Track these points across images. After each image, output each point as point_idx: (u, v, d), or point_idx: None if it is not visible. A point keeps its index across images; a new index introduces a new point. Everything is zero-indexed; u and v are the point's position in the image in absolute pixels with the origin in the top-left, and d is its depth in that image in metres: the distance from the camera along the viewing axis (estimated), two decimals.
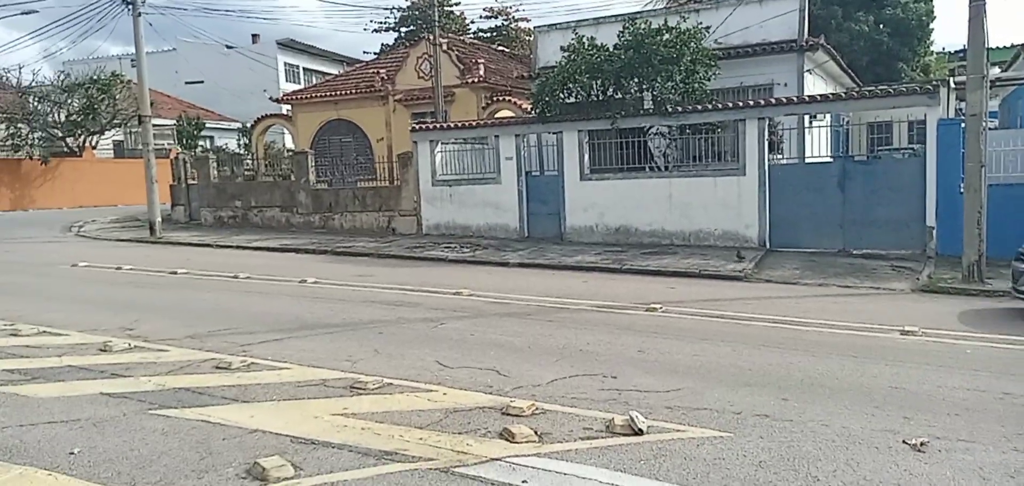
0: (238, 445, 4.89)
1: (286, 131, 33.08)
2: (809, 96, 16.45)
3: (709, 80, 16.61)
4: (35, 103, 33.21)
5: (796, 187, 15.36)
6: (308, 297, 11.11)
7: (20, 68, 50.73)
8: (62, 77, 33.87)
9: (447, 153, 19.58)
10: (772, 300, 10.65)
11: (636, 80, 16.52)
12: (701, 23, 17.13)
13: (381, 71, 28.16)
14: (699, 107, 16.15)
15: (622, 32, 16.81)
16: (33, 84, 34.44)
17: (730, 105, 16.14)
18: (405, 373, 6.69)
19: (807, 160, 15.98)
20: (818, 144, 16.00)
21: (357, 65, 36.03)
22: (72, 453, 4.77)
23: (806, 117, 15.91)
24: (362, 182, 22.78)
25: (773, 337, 8.21)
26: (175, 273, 13.57)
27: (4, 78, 35.43)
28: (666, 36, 16.21)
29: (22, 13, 39.61)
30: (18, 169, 32.37)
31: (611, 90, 16.87)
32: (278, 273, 13.56)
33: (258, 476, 4.36)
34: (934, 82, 15.40)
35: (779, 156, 16.46)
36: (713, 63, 16.55)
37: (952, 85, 16.09)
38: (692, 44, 16.29)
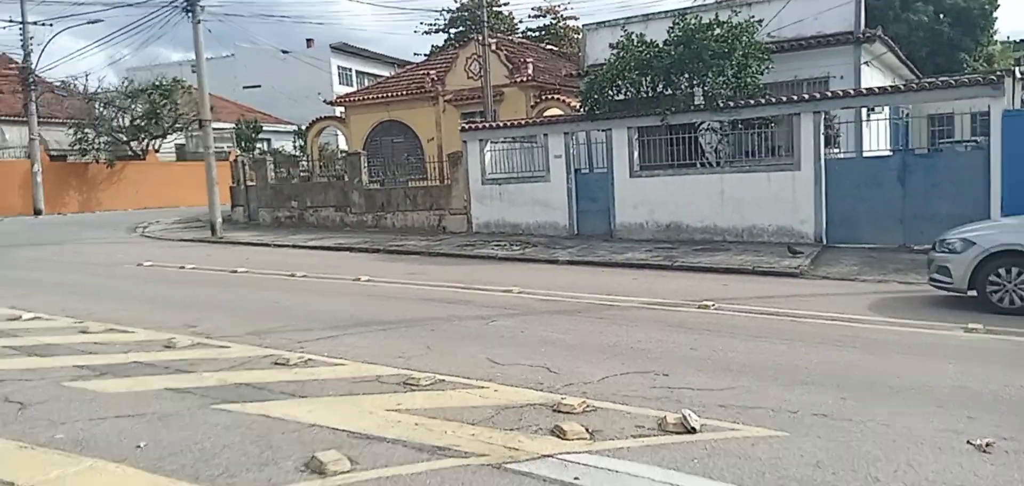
0: (297, 439, 5.03)
1: (340, 133, 33.66)
2: (866, 89, 16.01)
3: (762, 74, 16.33)
4: (101, 108, 34.51)
5: (854, 181, 14.98)
6: (362, 295, 11.31)
7: (87, 75, 52.86)
8: (126, 83, 35.10)
9: (496, 152, 19.67)
10: (829, 297, 10.42)
11: (686, 76, 16.34)
12: (753, 17, 16.85)
13: (431, 72, 28.45)
14: (752, 102, 15.89)
15: (672, 28, 16.65)
16: (99, 90, 35.80)
17: (784, 99, 15.83)
18: (457, 370, 6.76)
19: (865, 154, 15.55)
20: (876, 138, 15.55)
21: (408, 67, 36.45)
22: (138, 446, 4.96)
23: (863, 110, 15.50)
24: (413, 182, 23.07)
25: (830, 335, 8.03)
26: (235, 272, 13.96)
27: (72, 85, 36.92)
28: (717, 31, 16.00)
29: (89, 22, 41.02)
30: (85, 172, 33.69)
31: (661, 86, 16.72)
32: (333, 271, 13.83)
33: (316, 470, 4.47)
34: (998, 72, 14.84)
35: (835, 150, 16.08)
36: (766, 57, 16.27)
37: (1017, 75, 15.43)
38: (744, 38, 16.04)
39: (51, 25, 32.27)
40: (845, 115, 15.65)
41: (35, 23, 31.06)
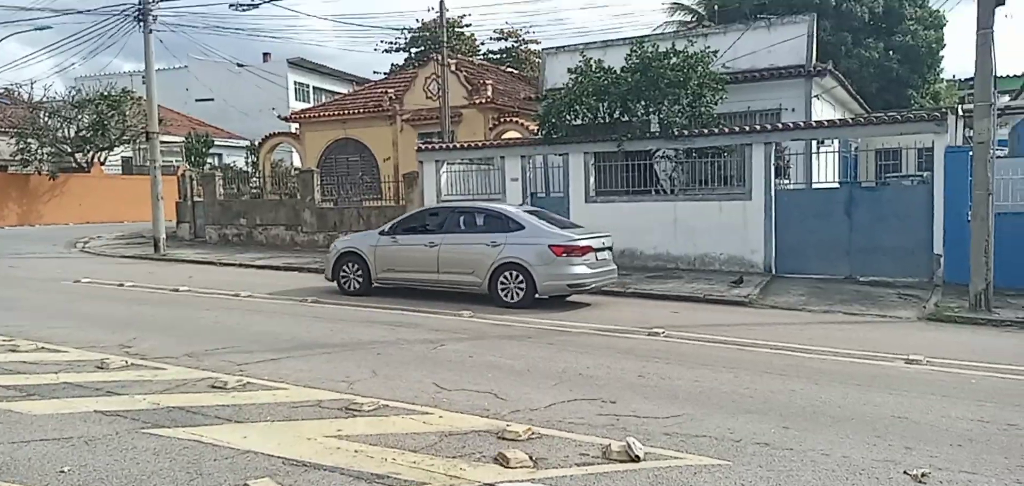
0: (229, 466, 4.83)
1: (294, 150, 33.22)
2: (817, 122, 16.42)
3: (716, 104, 16.59)
4: (45, 118, 33.47)
5: (803, 213, 15.28)
6: (308, 317, 11.07)
7: (32, 83, 51.23)
8: (73, 93, 34.15)
9: (453, 173, 19.59)
10: (776, 326, 10.55)
11: (643, 103, 16.53)
12: (709, 47, 17.15)
13: (389, 91, 28.30)
14: (706, 131, 16.12)
15: (629, 55, 16.85)
16: (44, 99, 34.74)
17: (737, 129, 16.12)
18: (402, 395, 6.62)
19: (814, 186, 15.92)
20: (825, 170, 15.93)
21: (366, 84, 36.26)
22: (62, 471, 4.71)
23: (813, 143, 15.86)
24: (367, 201, 22.81)
25: (776, 364, 8.11)
26: (177, 290, 13.57)
27: (16, 93, 35.78)
28: (673, 60, 16.24)
29: (36, 28, 39.91)
30: (26, 184, 32.58)
31: (618, 113, 16.87)
32: (280, 292, 13.53)
33: None
34: (942, 109, 15.34)
35: (786, 181, 16.40)
36: (720, 87, 16.55)
37: (961, 113, 16.03)
38: (699, 68, 16.30)
39: None
40: (796, 147, 15.99)
41: None
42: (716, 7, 31.86)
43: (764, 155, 15.40)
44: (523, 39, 46.23)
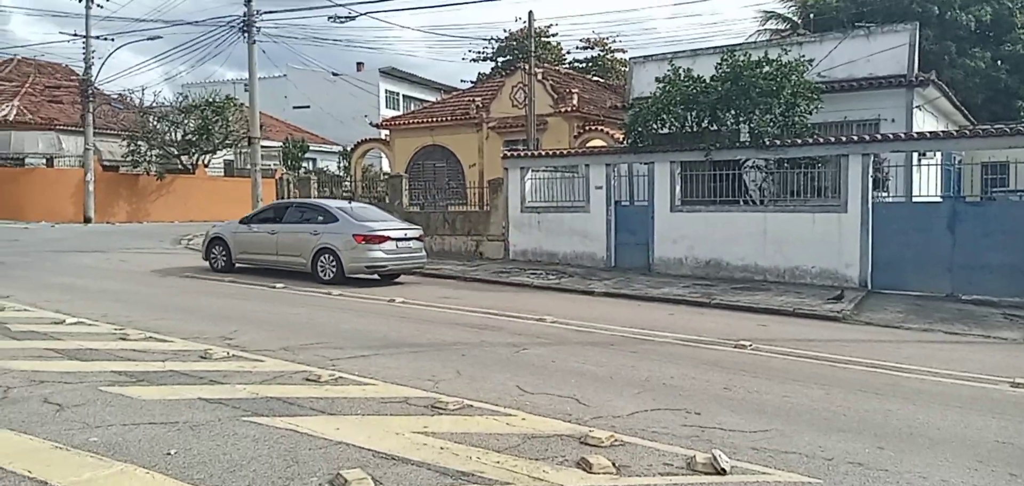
0: (323, 456, 5.04)
1: (384, 155, 34.16)
2: (918, 133, 15.71)
3: (811, 114, 16.12)
4: (155, 122, 35.58)
5: (901, 227, 14.64)
6: (395, 316, 11.37)
7: (143, 89, 54.58)
8: (181, 98, 36.18)
9: (537, 180, 19.72)
10: (871, 343, 10.15)
11: (733, 112, 16.22)
12: (804, 56, 16.69)
13: (477, 99, 28.76)
14: (799, 141, 15.68)
15: (720, 64, 16.57)
16: (154, 104, 36.95)
17: (832, 139, 15.61)
18: (485, 396, 6.72)
19: (914, 199, 15.21)
20: (927, 183, 15.21)
21: (454, 92, 36.92)
22: (169, 453, 5.02)
23: (914, 154, 15.18)
24: (452, 206, 23.23)
25: (871, 382, 7.80)
26: (273, 288, 14.16)
27: (128, 98, 38.20)
28: (766, 68, 15.89)
29: (148, 38, 42.72)
30: (136, 183, 34.69)
31: (706, 122, 16.62)
32: (368, 292, 13.94)
33: None
34: None
35: (884, 194, 15.76)
36: (815, 96, 16.07)
37: None
38: (793, 77, 15.88)
39: (113, 40, 33.49)
40: (895, 158, 15.35)
41: (98, 37, 32.30)
42: (812, 16, 30.89)
43: (861, 166, 14.84)
44: (609, 48, 46.10)
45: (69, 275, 14.99)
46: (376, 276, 15.54)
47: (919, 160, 15.34)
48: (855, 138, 15.36)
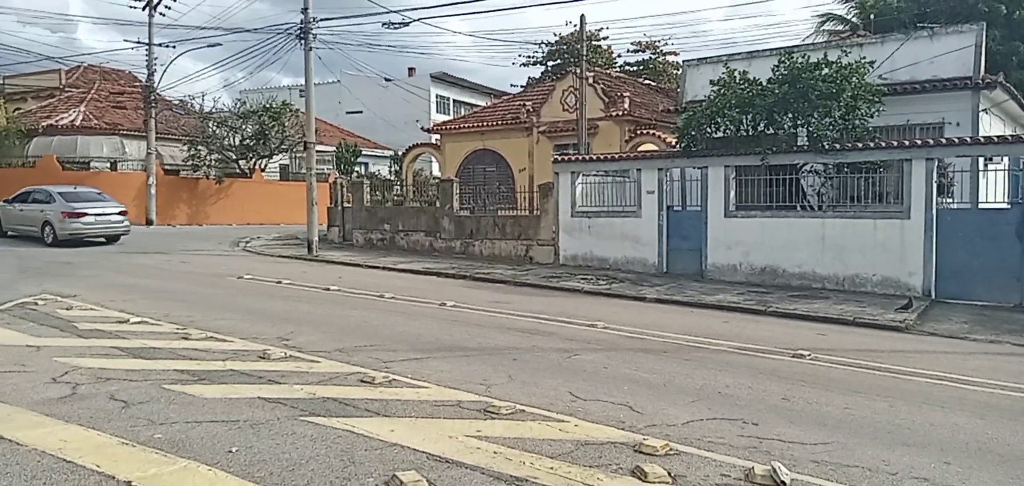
0: (379, 457, 5.09)
1: (434, 159, 34.45)
2: (985, 137, 15.12)
3: (872, 117, 15.66)
4: (214, 127, 36.55)
5: (967, 234, 14.11)
6: (447, 320, 11.44)
7: (203, 95, 56.16)
8: (239, 104, 37.10)
9: (588, 185, 19.62)
10: (936, 355, 9.79)
11: (790, 116, 15.86)
12: (864, 57, 16.22)
13: (527, 103, 28.77)
14: (860, 145, 15.25)
15: (777, 66, 16.22)
16: (213, 110, 37.98)
17: (895, 144, 15.14)
18: (538, 401, 6.71)
19: (981, 205, 14.64)
20: (994, 189, 14.62)
21: (504, 97, 37.03)
22: (230, 451, 5.14)
23: (980, 159, 14.60)
24: (502, 211, 23.26)
25: (936, 394, 7.53)
26: (328, 290, 14.41)
27: (189, 104, 39.34)
28: (825, 70, 15.49)
29: (208, 45, 43.95)
30: (196, 187, 35.67)
31: (762, 125, 16.29)
32: (420, 295, 14.07)
33: None
34: None
35: (949, 200, 15.21)
36: (877, 99, 15.60)
37: None
38: (854, 79, 15.45)
39: (174, 47, 34.54)
40: (960, 163, 14.79)
41: (160, 45, 33.35)
42: (872, 17, 30.04)
43: (925, 171, 14.36)
44: (661, 51, 45.64)
45: (133, 276, 15.50)
46: (102, 240, 22.17)
47: (985, 165, 14.75)
48: (919, 142, 14.86)
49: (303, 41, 22.18)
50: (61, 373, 7.12)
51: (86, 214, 21.36)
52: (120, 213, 22.58)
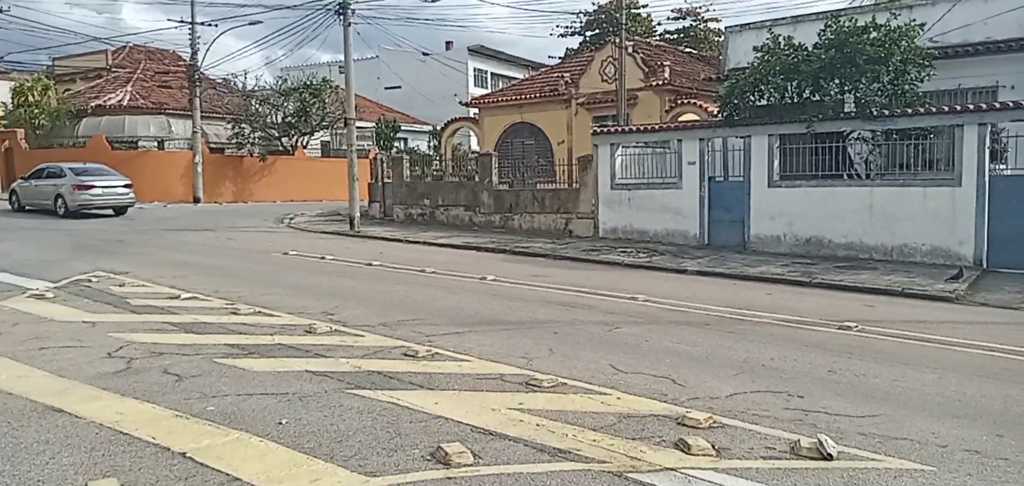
0: (424, 429, 5.18)
1: (472, 133, 34.47)
2: None
3: (922, 81, 15.23)
4: (256, 105, 37.08)
5: (1021, 201, 13.66)
6: (487, 294, 11.51)
7: (245, 74, 56.90)
8: (280, 82, 37.53)
9: (627, 156, 19.45)
10: (988, 326, 9.55)
11: (837, 81, 15.49)
12: (914, 20, 15.69)
13: (565, 74, 28.56)
14: (909, 111, 14.83)
15: (823, 31, 15.82)
16: (255, 88, 38.49)
17: (945, 109, 14.68)
18: (579, 374, 6.73)
19: None
20: None
21: (542, 69, 36.80)
22: (280, 423, 5.27)
23: None
24: (541, 184, 23.22)
25: (988, 366, 7.36)
26: (370, 265, 14.59)
27: (232, 83, 39.93)
28: (874, 34, 15.06)
29: (249, 23, 44.59)
30: (240, 165, 36.30)
31: (808, 92, 15.94)
32: (461, 269, 14.17)
33: (442, 460, 4.59)
34: None
35: (1002, 166, 14.72)
36: (927, 63, 15.14)
37: None
38: (903, 42, 15.00)
39: (216, 26, 35.07)
40: (1014, 128, 14.29)
41: (202, 23, 33.80)
42: None
43: (977, 137, 13.92)
44: (702, 18, 44.77)
45: (182, 252, 15.90)
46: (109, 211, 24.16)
47: None
48: (971, 107, 14.39)
49: (342, 17, 22.30)
50: (116, 348, 7.36)
51: (94, 187, 23.48)
52: (126, 186, 24.50)
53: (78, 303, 9.79)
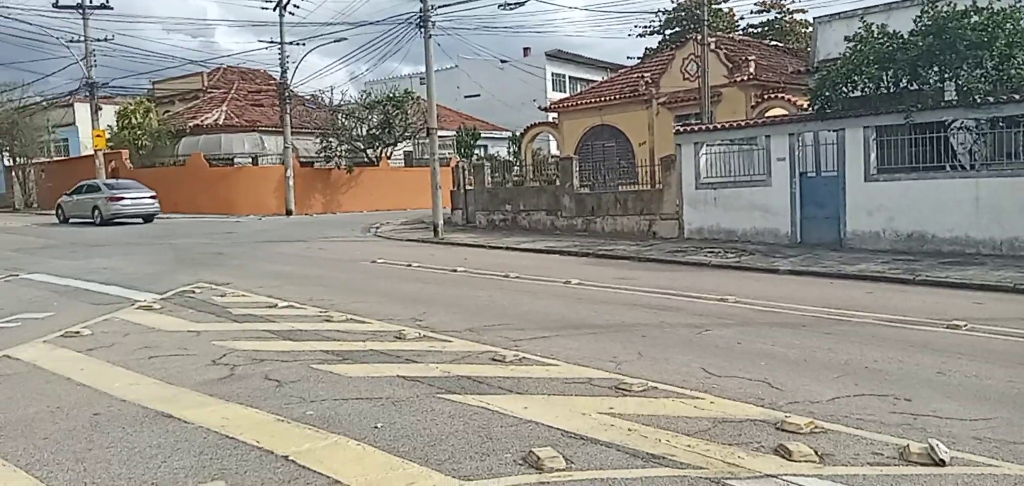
0: (514, 433, 5.19)
1: (552, 138, 34.49)
2: None
3: None
4: (342, 119, 38.25)
5: None
6: (572, 298, 11.45)
7: (331, 89, 58.77)
8: (364, 95, 38.60)
9: (712, 155, 19.02)
10: None
11: (936, 69, 14.73)
12: (1019, 2, 14.75)
13: (645, 75, 28.22)
14: (1016, 96, 13.93)
15: (919, 17, 15.09)
16: (341, 103, 39.71)
17: None
18: (669, 378, 6.60)
19: None
20: None
21: (621, 70, 36.47)
22: (376, 427, 5.38)
23: None
24: (623, 186, 22.97)
25: None
26: (455, 271, 14.78)
27: (319, 98, 41.31)
28: (975, 18, 14.25)
29: (334, 41, 45.94)
30: (328, 177, 37.51)
31: (905, 81, 15.22)
32: (544, 274, 14.17)
33: (534, 464, 4.58)
34: None
35: None
36: None
37: None
38: (1008, 25, 14.14)
39: (303, 44, 36.41)
40: None
41: (291, 43, 35.18)
42: None
43: None
44: (788, 9, 43.38)
45: (277, 263, 16.53)
46: (139, 219, 28.31)
47: None
48: None
49: (423, 29, 22.74)
50: (220, 355, 7.69)
51: (124, 199, 28.05)
52: (151, 197, 28.71)
53: (183, 313, 10.30)
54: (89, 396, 6.34)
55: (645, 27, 46.11)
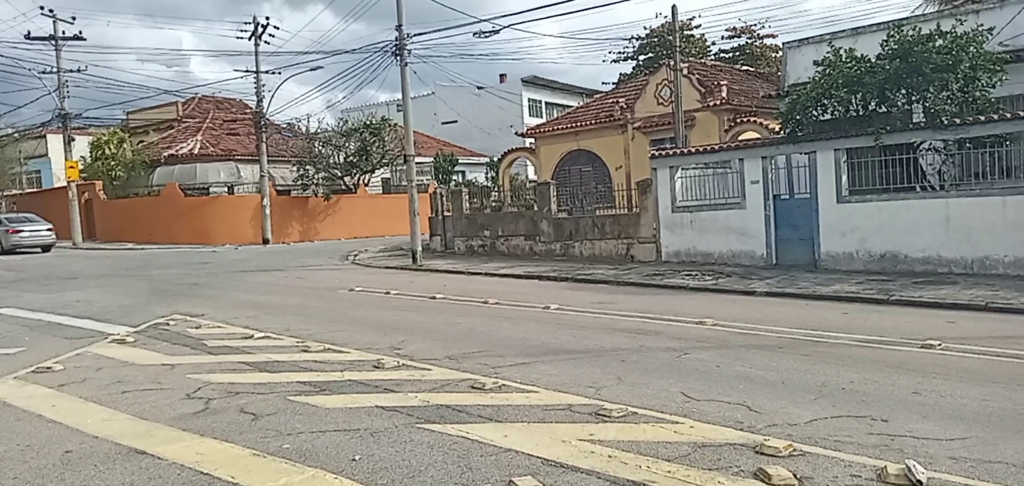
0: (494, 462, 5.15)
1: (529, 163, 34.64)
2: None
3: (994, 87, 14.62)
4: (319, 147, 38.13)
5: None
6: (551, 323, 11.45)
7: (308, 117, 58.63)
8: (341, 123, 38.55)
9: (687, 178, 19.20)
10: None
11: (904, 92, 15.03)
12: (982, 25, 15.16)
13: (620, 100, 28.52)
14: (982, 117, 14.26)
15: (886, 41, 15.41)
16: (318, 131, 39.61)
17: (1021, 114, 14.04)
18: (649, 403, 6.61)
19: None
20: None
21: (596, 96, 36.82)
22: (354, 459, 5.32)
23: None
24: (601, 210, 23.11)
25: None
26: (434, 298, 14.72)
27: (296, 127, 41.19)
28: (939, 42, 14.58)
29: (311, 69, 45.93)
30: (306, 205, 37.30)
31: (874, 104, 15.50)
32: (523, 299, 14.16)
33: None
34: None
35: None
36: (998, 68, 14.55)
37: None
38: (971, 48, 14.47)
39: (279, 73, 36.36)
40: None
41: (266, 72, 35.09)
42: None
43: None
44: (758, 35, 44.17)
45: (254, 293, 16.36)
46: (38, 248, 31.19)
47: None
48: None
49: (399, 57, 22.82)
50: (194, 389, 7.58)
51: (22, 231, 31.34)
52: (48, 229, 31.87)
53: (157, 346, 10.14)
54: (61, 433, 6.21)
55: (619, 53, 46.77)
